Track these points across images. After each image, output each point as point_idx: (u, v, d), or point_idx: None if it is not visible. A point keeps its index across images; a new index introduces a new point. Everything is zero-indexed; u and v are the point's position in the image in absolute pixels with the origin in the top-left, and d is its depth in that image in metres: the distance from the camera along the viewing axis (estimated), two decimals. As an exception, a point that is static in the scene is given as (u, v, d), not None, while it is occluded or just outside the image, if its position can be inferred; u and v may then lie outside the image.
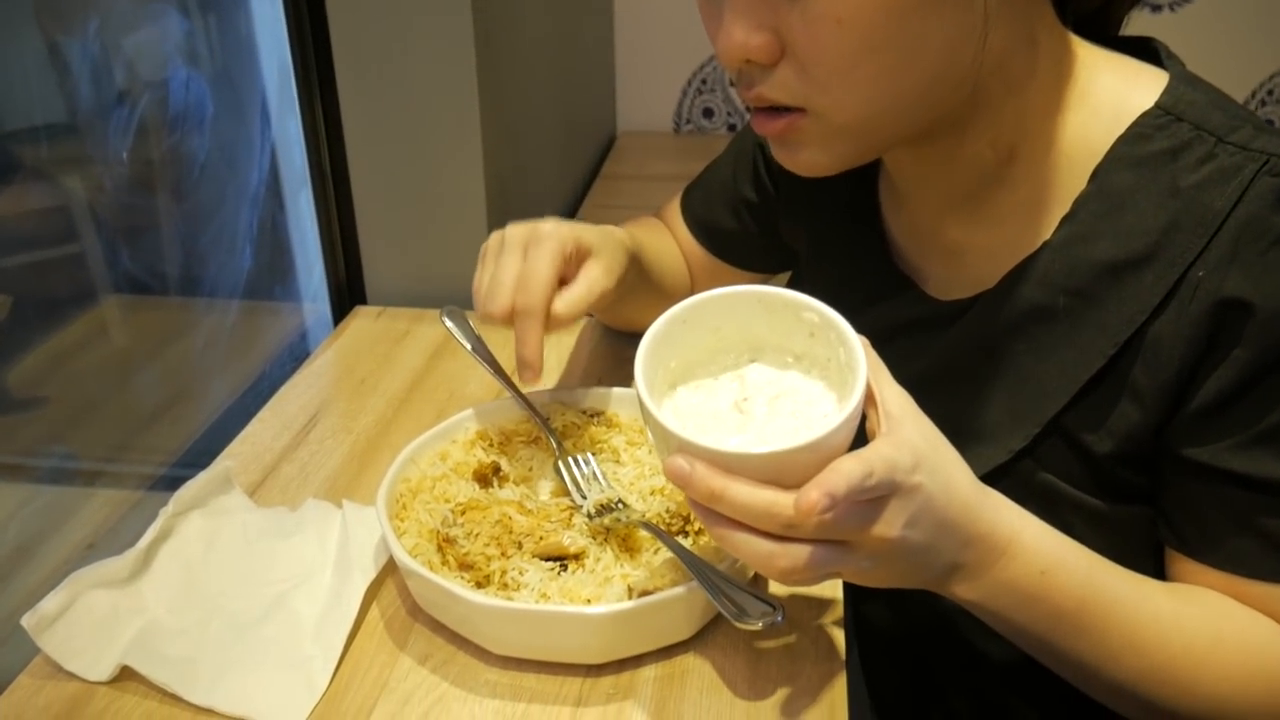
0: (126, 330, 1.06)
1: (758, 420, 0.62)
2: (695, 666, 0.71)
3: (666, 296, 1.05)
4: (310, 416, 1.02)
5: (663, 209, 1.11)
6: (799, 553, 0.56)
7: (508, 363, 1.11)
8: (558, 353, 1.13)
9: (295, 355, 1.19)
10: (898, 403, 0.59)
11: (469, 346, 0.91)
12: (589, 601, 0.70)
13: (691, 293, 1.12)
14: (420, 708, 0.68)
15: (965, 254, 0.77)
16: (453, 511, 0.75)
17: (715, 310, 0.65)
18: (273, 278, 1.20)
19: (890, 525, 0.56)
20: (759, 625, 0.63)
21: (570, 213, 1.63)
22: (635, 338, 0.64)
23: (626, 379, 1.05)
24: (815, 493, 0.53)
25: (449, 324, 0.92)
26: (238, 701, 0.68)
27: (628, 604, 0.67)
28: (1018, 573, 0.61)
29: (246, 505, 0.86)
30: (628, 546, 0.77)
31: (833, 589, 0.78)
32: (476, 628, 0.70)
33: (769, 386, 0.64)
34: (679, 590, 0.68)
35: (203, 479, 0.84)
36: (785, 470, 0.56)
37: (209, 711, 0.68)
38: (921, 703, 0.86)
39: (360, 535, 0.80)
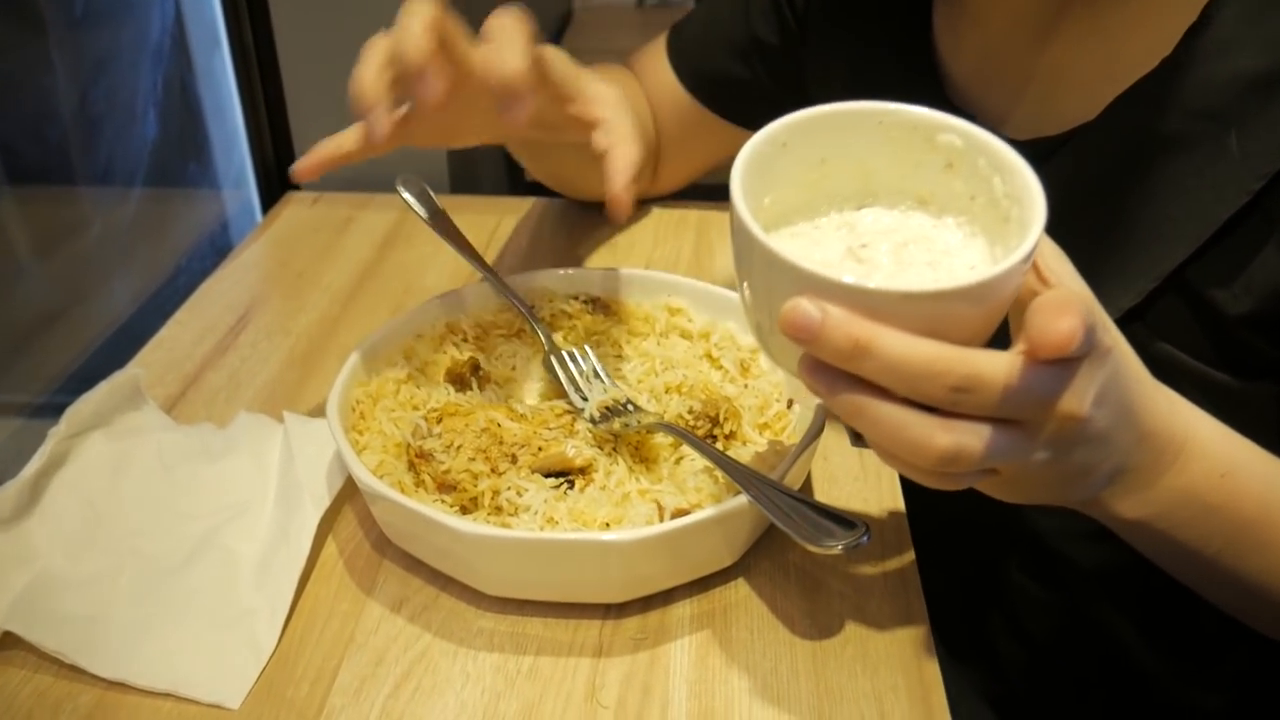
0: None
1: (883, 270, 0.47)
2: (739, 600, 0.57)
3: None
4: (239, 317, 0.84)
5: (634, 56, 0.93)
6: (970, 434, 0.41)
7: (479, 240, 0.95)
8: (531, 230, 0.96)
9: (217, 249, 1.01)
10: (1056, 259, 0.44)
11: (428, 218, 0.74)
12: (607, 525, 0.55)
13: (658, 176, 0.98)
14: (398, 668, 0.53)
15: (1057, 81, 0.62)
16: (426, 419, 0.60)
17: (823, 132, 0.49)
18: (184, 157, 1.01)
19: (1080, 398, 0.42)
20: (839, 547, 0.48)
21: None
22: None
23: (615, 262, 0.89)
24: (1069, 319, 0.39)
25: (405, 195, 0.75)
26: (159, 672, 0.53)
27: (661, 527, 0.52)
28: (1195, 476, 0.48)
29: (163, 423, 0.69)
30: (642, 456, 0.63)
31: (892, 498, 0.65)
32: (467, 564, 0.55)
33: (892, 233, 0.49)
34: (725, 507, 0.53)
35: (104, 390, 0.67)
36: (947, 321, 0.41)
37: (123, 686, 0.52)
38: (995, 620, 0.74)
39: (308, 454, 0.64)
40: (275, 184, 1.09)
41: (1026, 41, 0.63)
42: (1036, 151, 0.62)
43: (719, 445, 0.62)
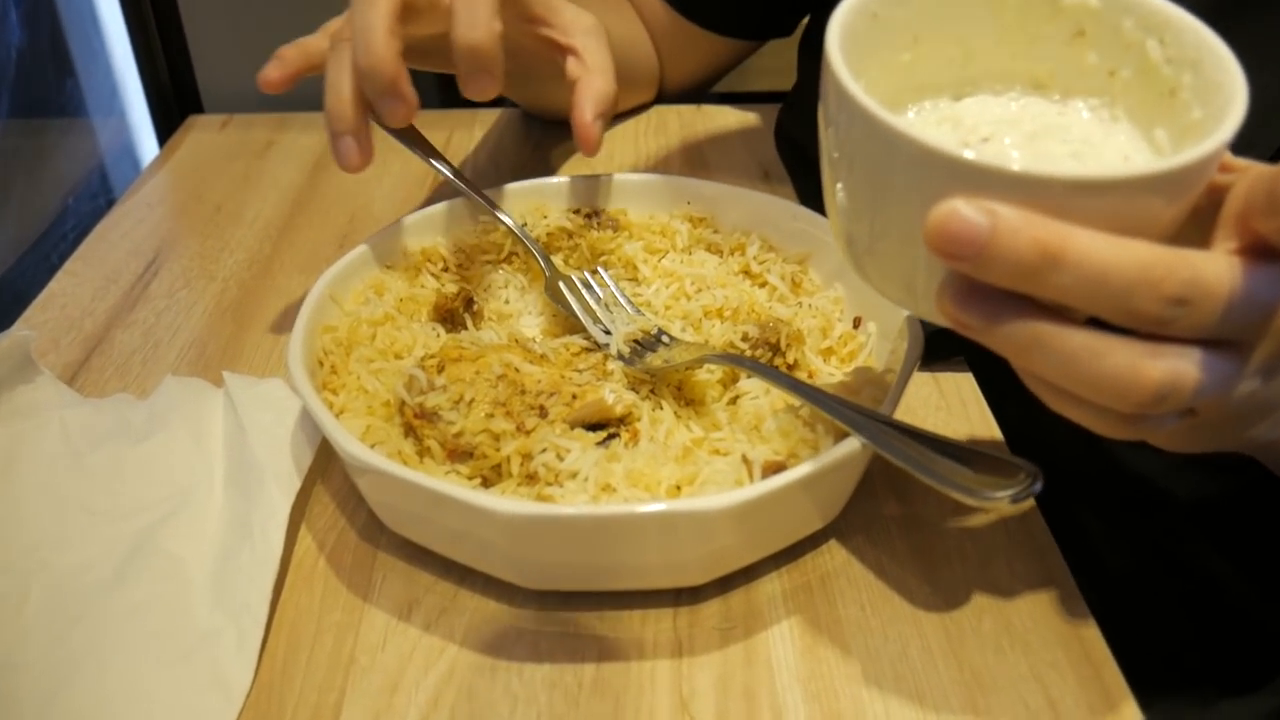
0: None
1: (1015, 165, 0.36)
2: (837, 568, 0.46)
3: (631, 90, 0.82)
4: (147, 262, 0.69)
5: None
6: (1185, 359, 0.31)
7: (449, 149, 0.80)
8: (491, 146, 0.82)
9: (108, 186, 0.84)
10: None
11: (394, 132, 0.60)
12: (678, 489, 0.43)
13: (665, 84, 0.88)
14: (422, 694, 0.41)
15: None
16: (424, 368, 0.46)
17: (918, 3, 0.38)
18: (55, 80, 0.83)
19: None
20: (1006, 498, 0.37)
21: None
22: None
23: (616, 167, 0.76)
24: None
25: (353, 94, 0.60)
26: (96, 730, 0.39)
27: (759, 488, 0.40)
28: None
29: (64, 397, 0.54)
30: (686, 398, 0.50)
31: (987, 428, 0.54)
32: (500, 553, 0.42)
33: (1014, 124, 0.38)
34: (835, 456, 0.41)
35: (-18, 361, 0.52)
36: (1137, 221, 0.31)
37: (45, 754, 0.39)
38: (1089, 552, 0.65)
39: (263, 424, 0.50)
40: (173, 107, 0.92)
41: None
42: None
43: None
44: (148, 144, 0.90)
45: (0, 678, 0.40)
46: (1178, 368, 0.30)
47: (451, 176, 0.59)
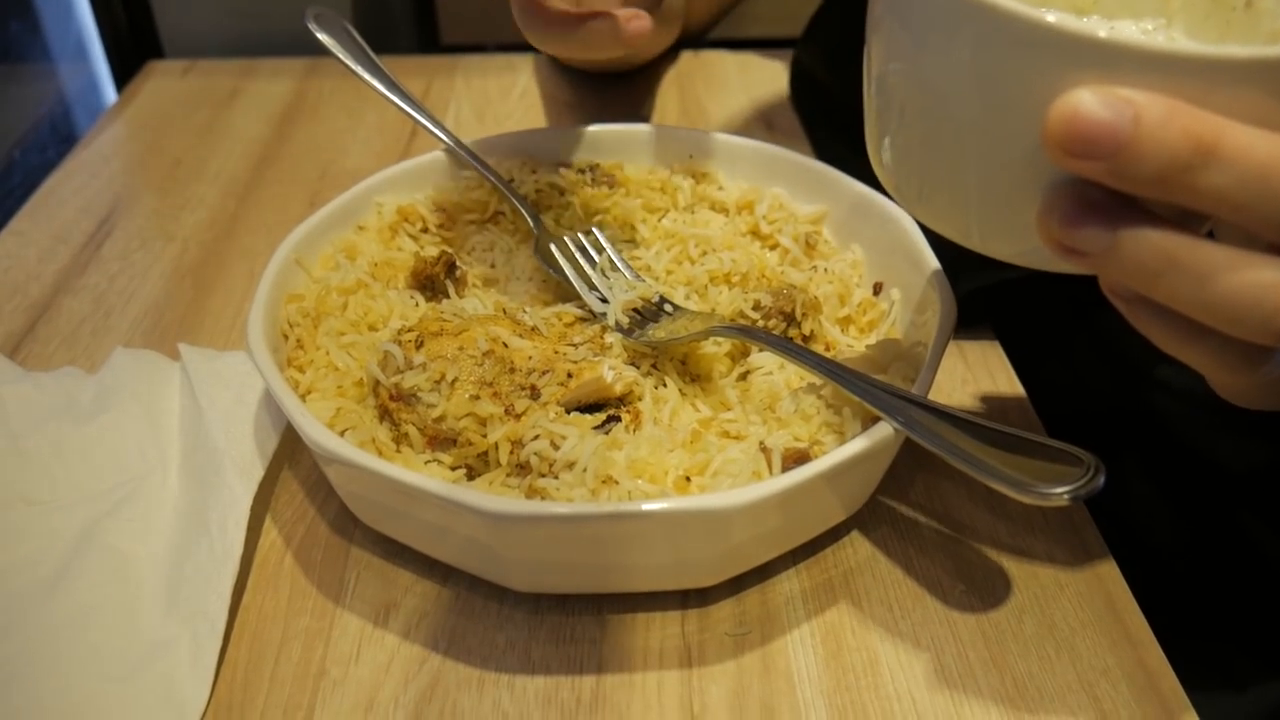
0: None
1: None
2: (861, 564, 0.42)
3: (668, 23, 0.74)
4: (99, 221, 0.63)
5: None
6: None
7: (428, 98, 0.74)
8: (474, 97, 0.76)
9: (60, 137, 0.78)
10: None
11: (361, 69, 0.54)
12: (688, 480, 0.38)
13: (689, 13, 0.81)
14: (400, 711, 0.36)
15: None
16: (401, 343, 0.41)
17: None
18: (3, 18, 0.77)
19: None
20: (1065, 495, 0.32)
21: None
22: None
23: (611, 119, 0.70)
24: None
25: (323, 37, 0.54)
26: (29, 759, 0.34)
27: (782, 481, 0.35)
28: None
29: (5, 372, 0.49)
30: (691, 374, 0.46)
31: (1018, 403, 0.49)
32: (490, 554, 0.37)
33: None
34: (865, 445, 0.36)
35: (-93, 333, 0.46)
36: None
37: (-28, 786, 0.34)
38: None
39: (222, 403, 0.45)
40: (129, 52, 0.85)
41: None
42: None
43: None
44: (105, 92, 0.84)
45: (-78, 697, 0.36)
46: None
47: (431, 126, 0.54)
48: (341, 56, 0.54)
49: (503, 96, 0.76)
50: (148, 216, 0.63)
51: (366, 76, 0.54)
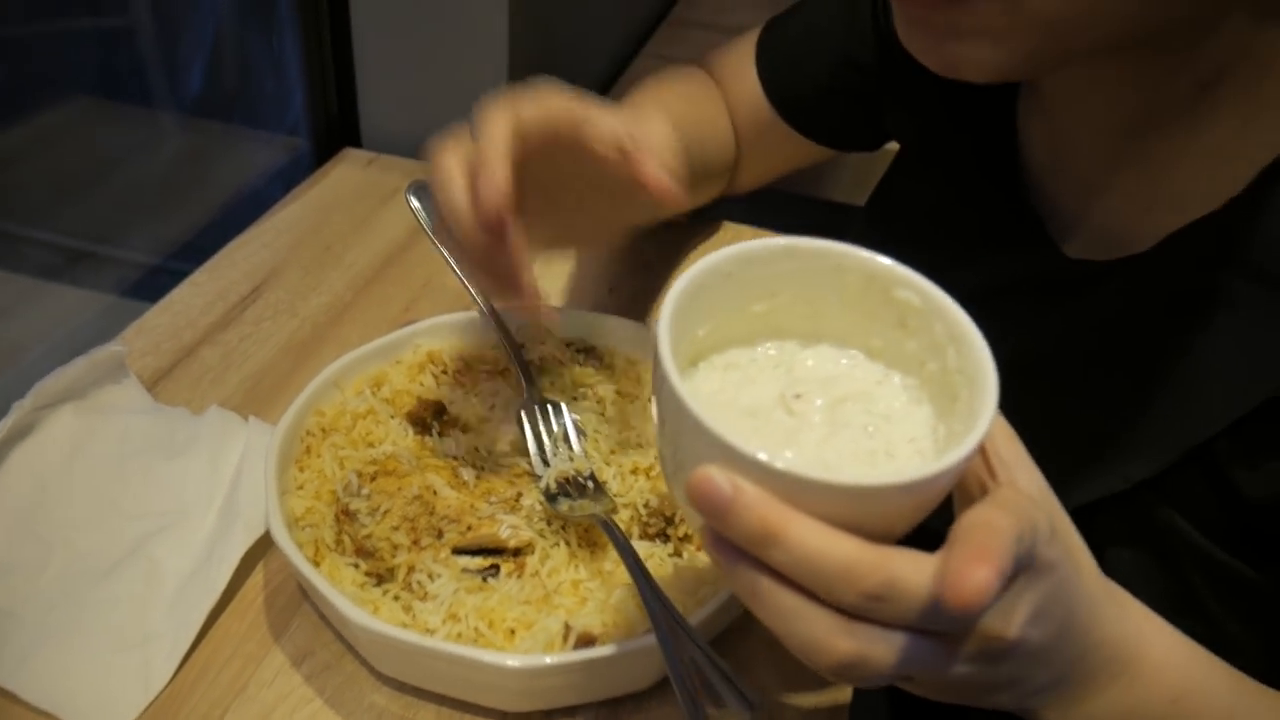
0: None
1: (812, 429, 0.42)
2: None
3: (707, 181, 0.82)
4: (254, 287, 0.83)
5: (715, 57, 0.86)
6: (878, 642, 0.36)
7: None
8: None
9: (257, 203, 0.99)
10: (1008, 442, 0.40)
11: (433, 233, 0.71)
12: (512, 633, 0.52)
13: (736, 177, 0.93)
14: (278, 732, 0.52)
15: (1117, 204, 0.55)
16: (359, 475, 0.57)
17: (774, 266, 0.44)
18: (242, 95, 1.00)
19: (1006, 619, 0.37)
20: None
21: (621, 61, 1.38)
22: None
23: (630, 308, 0.84)
24: (984, 570, 0.34)
25: (414, 204, 0.72)
26: (46, 689, 0.53)
27: (559, 658, 0.49)
28: (1141, 697, 0.43)
29: (138, 402, 0.69)
30: (590, 540, 0.59)
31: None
32: (360, 645, 0.53)
33: (831, 384, 0.44)
34: (630, 646, 0.50)
35: (81, 365, 0.67)
36: (872, 513, 0.37)
37: (10, 696, 0.53)
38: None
39: (256, 471, 0.63)
40: (336, 135, 1.07)
41: (1083, 158, 0.56)
42: (1082, 275, 0.56)
43: (670, 546, 0.59)
44: (308, 166, 1.05)
45: (4, 623, 0.55)
46: (867, 648, 0.36)
47: (476, 297, 0.70)
48: (423, 224, 0.71)
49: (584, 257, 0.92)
50: (288, 290, 0.83)
51: (440, 248, 0.70)
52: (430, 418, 0.63)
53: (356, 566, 0.55)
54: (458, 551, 0.56)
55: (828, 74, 0.78)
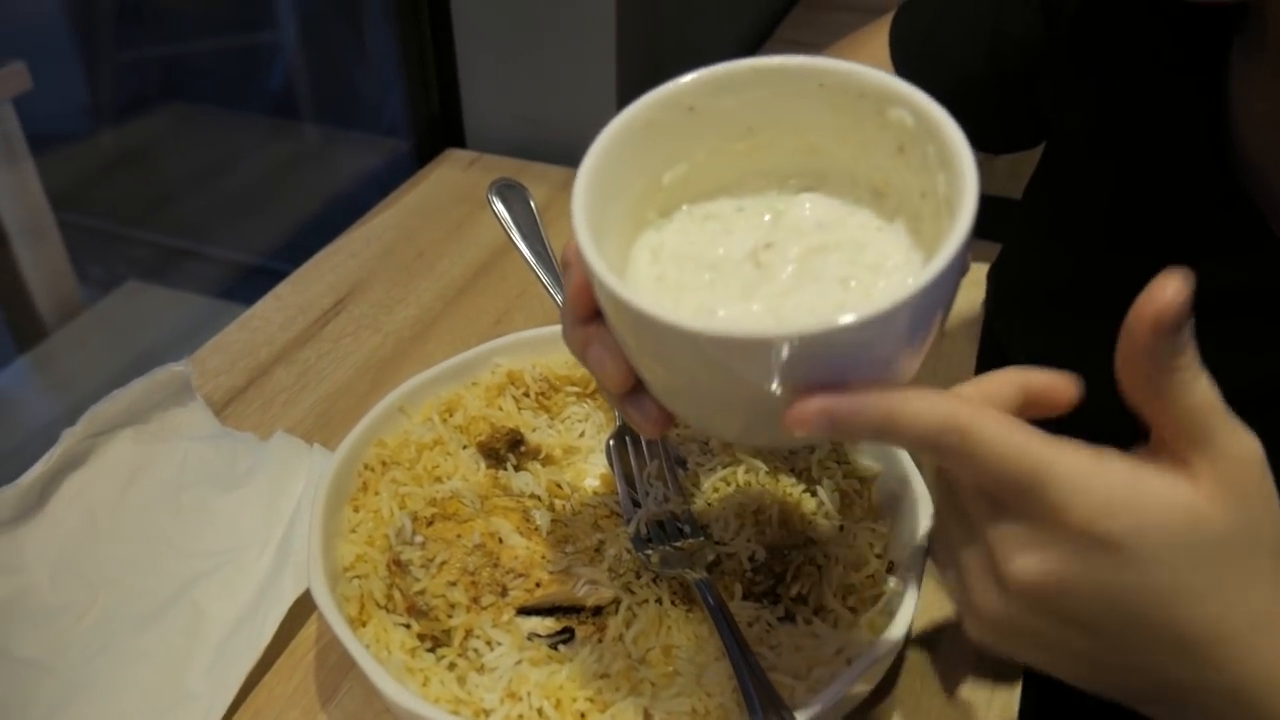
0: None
1: (775, 283, 0.37)
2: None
3: None
4: (338, 299, 0.77)
5: (849, 40, 0.76)
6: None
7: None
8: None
9: (352, 207, 0.94)
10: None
11: (524, 248, 0.63)
12: (582, 717, 0.43)
13: None
14: (314, 821, 0.45)
15: None
16: (414, 519, 0.49)
17: (745, 94, 0.38)
18: (342, 96, 0.95)
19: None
20: None
21: (749, 48, 1.29)
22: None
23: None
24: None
25: (498, 207, 0.64)
26: (68, 756, 0.47)
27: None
28: None
29: (202, 426, 0.63)
30: (687, 594, 0.50)
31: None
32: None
33: (813, 233, 0.38)
34: (722, 743, 0.40)
35: (138, 387, 0.62)
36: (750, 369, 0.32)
37: (31, 760, 0.47)
38: None
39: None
40: (439, 135, 1.01)
41: None
42: None
43: (779, 609, 0.49)
44: (410, 167, 0.99)
45: (31, 674, 0.50)
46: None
47: (557, 300, 0.61)
48: (508, 229, 0.63)
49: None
50: (372, 305, 0.77)
51: (525, 252, 0.62)
52: (505, 448, 0.55)
53: (408, 627, 0.47)
54: (525, 612, 0.47)
55: (971, 50, 0.66)
